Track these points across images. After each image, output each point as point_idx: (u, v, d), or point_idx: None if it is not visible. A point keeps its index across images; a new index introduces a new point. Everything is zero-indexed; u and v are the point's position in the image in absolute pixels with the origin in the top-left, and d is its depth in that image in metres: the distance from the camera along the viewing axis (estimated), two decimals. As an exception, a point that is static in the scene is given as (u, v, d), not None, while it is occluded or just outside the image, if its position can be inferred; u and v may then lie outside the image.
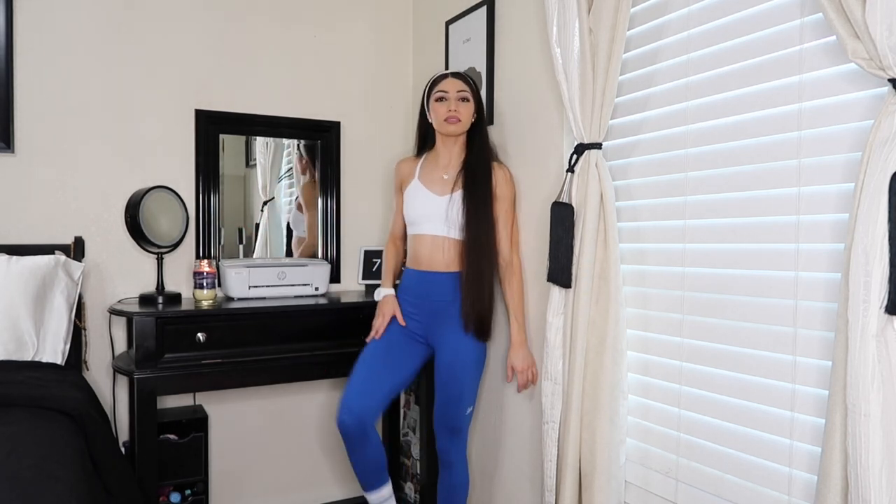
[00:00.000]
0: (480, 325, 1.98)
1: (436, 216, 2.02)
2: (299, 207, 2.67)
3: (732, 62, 1.44)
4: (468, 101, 2.02)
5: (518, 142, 2.13)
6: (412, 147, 2.40)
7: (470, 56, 2.35)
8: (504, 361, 2.20)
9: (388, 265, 2.24)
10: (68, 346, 2.06)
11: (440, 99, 2.02)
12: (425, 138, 2.16)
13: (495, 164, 2.04)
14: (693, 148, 1.54)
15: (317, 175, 2.67)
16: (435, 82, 2.07)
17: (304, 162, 2.66)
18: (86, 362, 2.21)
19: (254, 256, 2.57)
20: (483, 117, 2.08)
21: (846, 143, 1.23)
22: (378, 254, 2.63)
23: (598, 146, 1.69)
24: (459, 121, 2.01)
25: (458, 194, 2.00)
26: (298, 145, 2.64)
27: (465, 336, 1.98)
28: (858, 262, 1.09)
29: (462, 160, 2.06)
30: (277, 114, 2.57)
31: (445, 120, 2.01)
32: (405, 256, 2.24)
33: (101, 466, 1.60)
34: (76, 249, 2.21)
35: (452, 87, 2.02)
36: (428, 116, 2.08)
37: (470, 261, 1.96)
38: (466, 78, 2.05)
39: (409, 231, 2.11)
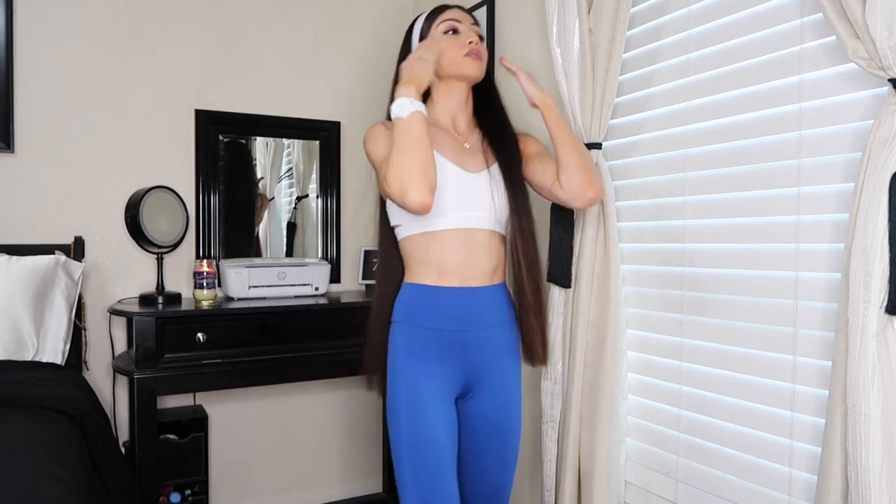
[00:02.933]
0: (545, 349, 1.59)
1: (477, 202, 1.44)
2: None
3: (732, 62, 1.44)
4: (484, 39, 1.51)
5: (518, 142, 2.12)
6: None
7: (470, 56, 2.34)
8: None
9: None
10: (68, 346, 2.06)
11: (451, 31, 1.47)
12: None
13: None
14: (693, 148, 1.54)
15: (316, 175, 2.66)
16: (435, 13, 1.50)
17: None
18: (86, 362, 2.21)
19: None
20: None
21: (846, 143, 1.23)
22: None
23: (598, 146, 1.69)
24: (481, 58, 1.47)
25: (496, 169, 1.48)
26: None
27: (516, 367, 1.53)
28: (858, 262, 1.09)
29: (475, 123, 1.56)
30: (277, 114, 2.57)
31: (466, 55, 1.44)
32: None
33: (101, 466, 1.60)
34: (76, 249, 2.21)
35: (465, 18, 1.49)
36: None
37: (529, 264, 1.50)
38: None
39: (417, 228, 1.45)
